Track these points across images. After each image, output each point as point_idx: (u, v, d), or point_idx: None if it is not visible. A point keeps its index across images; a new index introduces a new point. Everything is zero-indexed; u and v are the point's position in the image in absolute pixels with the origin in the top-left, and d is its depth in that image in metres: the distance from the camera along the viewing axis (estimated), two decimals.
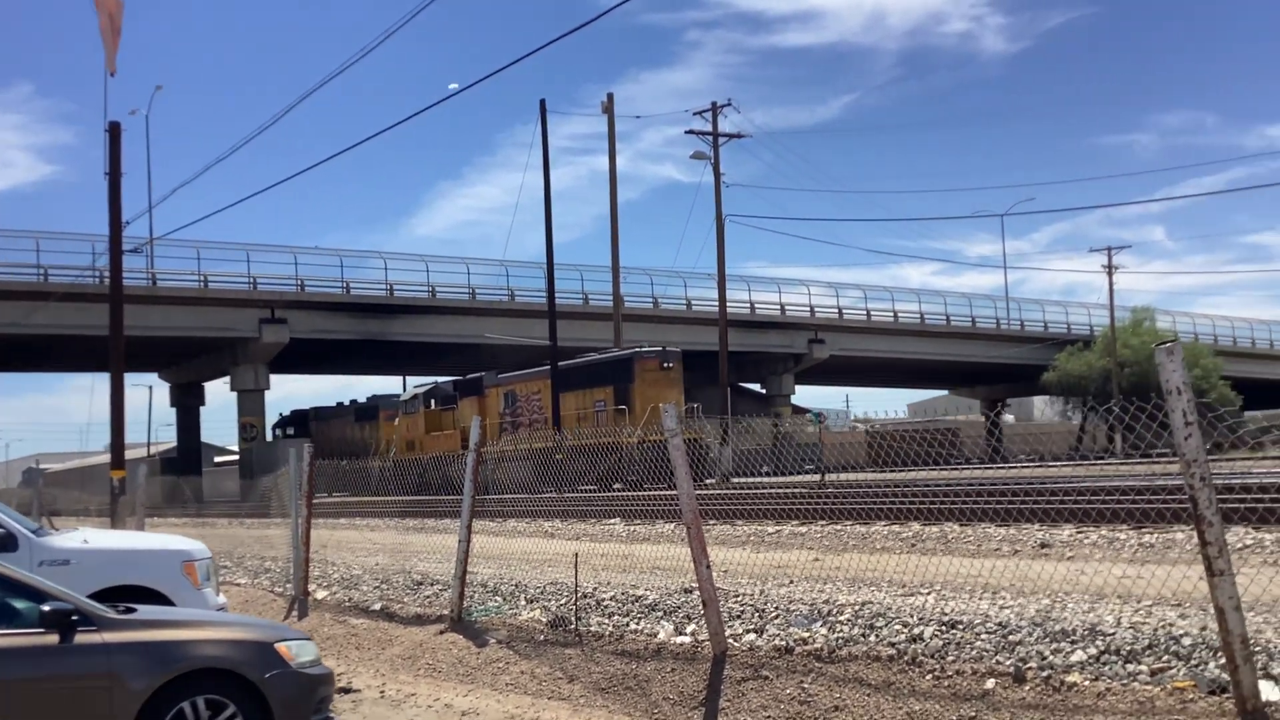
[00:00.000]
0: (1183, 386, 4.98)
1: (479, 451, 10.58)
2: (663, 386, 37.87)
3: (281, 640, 6.98)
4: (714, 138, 45.20)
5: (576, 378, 40.62)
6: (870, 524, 14.96)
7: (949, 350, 68.42)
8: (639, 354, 39.18)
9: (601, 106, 43.79)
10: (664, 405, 8.48)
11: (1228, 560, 5.02)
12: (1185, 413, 4.97)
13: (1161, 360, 5.04)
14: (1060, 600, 8.10)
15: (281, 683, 6.66)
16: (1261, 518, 10.26)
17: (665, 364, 38.74)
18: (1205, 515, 4.97)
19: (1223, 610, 5.02)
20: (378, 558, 15.82)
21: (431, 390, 48.18)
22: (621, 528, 17.82)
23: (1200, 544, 5.03)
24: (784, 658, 7.64)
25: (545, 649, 9.29)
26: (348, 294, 52.91)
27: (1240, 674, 5.12)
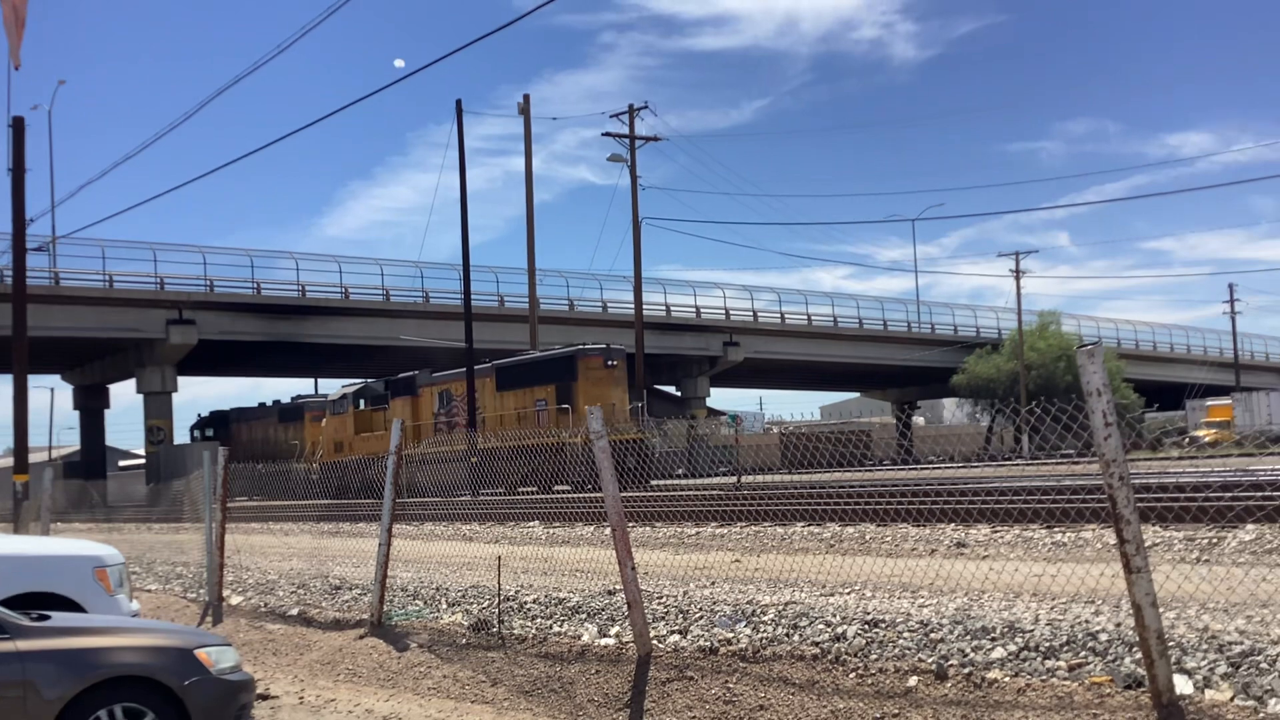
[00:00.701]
0: (1103, 388, 5.11)
1: (399, 454, 10.47)
2: (606, 385, 37.14)
3: (201, 646, 6.85)
4: (630, 140, 45.31)
5: (517, 376, 39.82)
6: (789, 525, 15.10)
7: (861, 353, 69.41)
8: (582, 352, 38.30)
9: (517, 108, 43.74)
10: (589, 408, 8.47)
11: (1145, 558, 5.16)
12: (1105, 414, 5.10)
13: (1083, 362, 5.17)
14: (978, 598, 8.26)
15: (201, 690, 6.54)
16: (1177, 516, 10.56)
17: (609, 362, 37.93)
18: (1124, 514, 5.10)
19: (1140, 606, 5.16)
20: (294, 562, 15.55)
21: (361, 390, 47.08)
22: (541, 530, 17.78)
23: (1118, 542, 5.16)
24: (709, 658, 7.67)
25: (468, 652, 9.22)
26: (258, 295, 51.96)
27: (1156, 668, 5.26)
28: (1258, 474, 15.45)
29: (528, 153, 44.26)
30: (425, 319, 53.96)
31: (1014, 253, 68.89)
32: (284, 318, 52.23)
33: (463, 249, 40.78)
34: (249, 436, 56.22)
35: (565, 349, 39.72)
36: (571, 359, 37.99)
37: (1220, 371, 77.87)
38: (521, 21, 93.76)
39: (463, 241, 40.61)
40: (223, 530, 13.12)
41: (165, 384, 52.05)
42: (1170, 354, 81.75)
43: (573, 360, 37.87)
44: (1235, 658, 5.66)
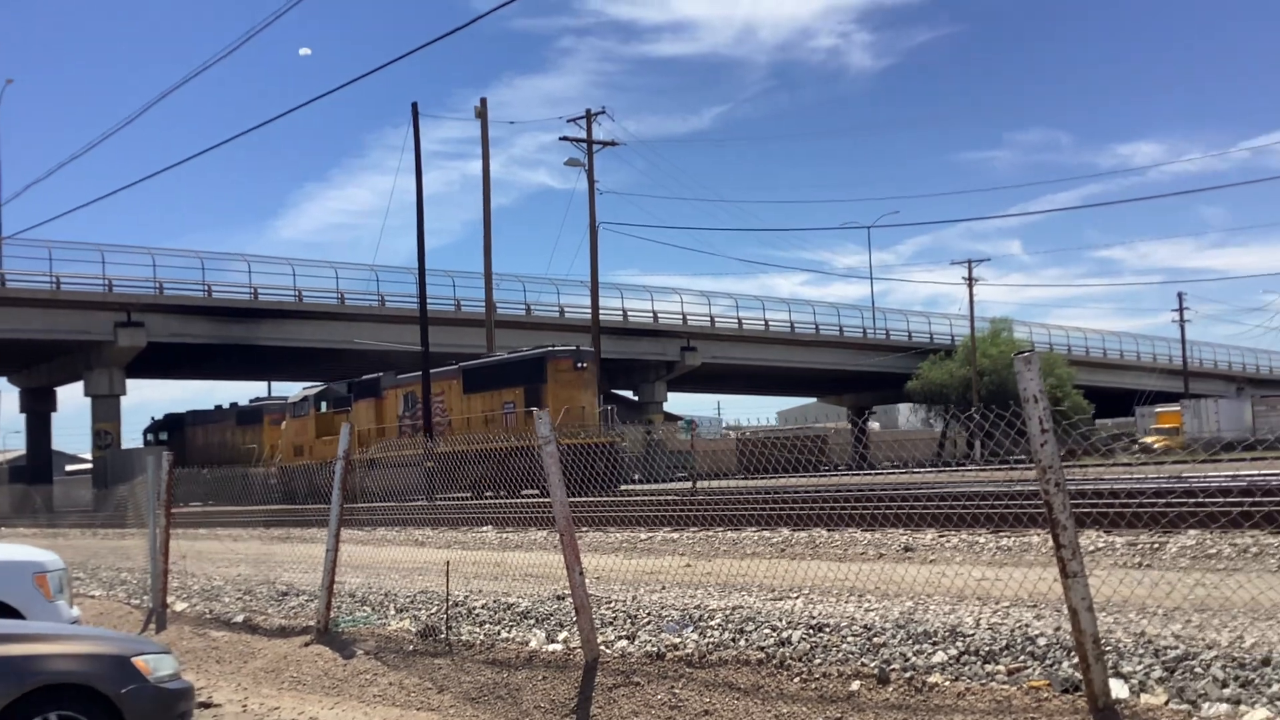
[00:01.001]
0: (1039, 394, 5.16)
1: (348, 459, 10.39)
2: (576, 388, 36.53)
3: (139, 654, 6.75)
4: (588, 145, 45.32)
5: (485, 378, 39.08)
6: (741, 530, 15.13)
7: (817, 359, 69.80)
8: (552, 353, 37.58)
9: (475, 111, 43.56)
10: (537, 413, 8.46)
11: (1081, 562, 5.22)
12: (1041, 420, 5.15)
13: (1020, 369, 5.22)
14: (923, 602, 8.32)
15: (139, 698, 6.44)
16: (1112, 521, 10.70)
17: (579, 364, 37.17)
18: (1060, 519, 5.15)
19: (1076, 611, 5.21)
20: (241, 568, 15.38)
21: (323, 392, 46.17)
22: (494, 535, 17.70)
23: (1055, 547, 5.21)
24: (655, 663, 7.66)
25: (415, 659, 9.15)
26: (209, 297, 51.41)
27: (1092, 672, 5.32)
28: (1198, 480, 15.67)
29: (485, 156, 44.17)
30: (381, 323, 53.63)
31: (967, 260, 69.70)
32: (236, 321, 51.70)
33: (418, 252, 40.60)
34: (205, 440, 55.41)
35: (534, 350, 38.94)
36: (541, 360, 37.22)
37: (1169, 378, 79.01)
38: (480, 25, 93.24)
39: (418, 245, 40.44)
40: (167, 536, 12.95)
41: (113, 387, 51.36)
42: (1120, 361, 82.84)
43: (542, 362, 37.10)
44: (1171, 662, 5.73)
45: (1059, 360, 72.94)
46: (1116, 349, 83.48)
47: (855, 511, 14.40)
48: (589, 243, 45.63)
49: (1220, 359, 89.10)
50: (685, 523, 16.28)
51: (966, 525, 12.83)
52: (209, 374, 67.61)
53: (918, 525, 13.46)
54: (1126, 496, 12.76)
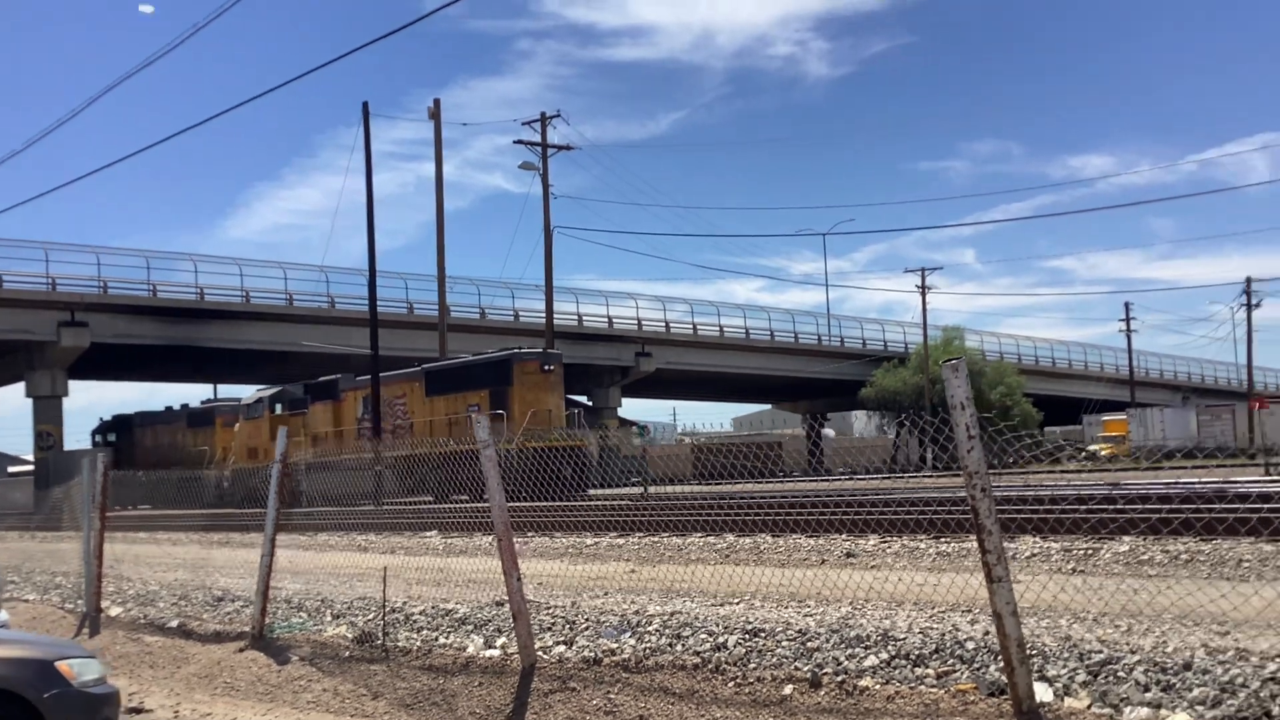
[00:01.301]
0: (966, 401, 5.19)
1: (284, 463, 10.26)
2: (543, 390, 35.67)
3: (63, 658, 6.64)
4: (543, 149, 45.26)
5: (448, 381, 38.13)
6: (687, 535, 15.13)
7: (773, 365, 70.07)
8: (518, 355, 36.72)
9: (428, 112, 43.33)
10: (475, 418, 8.39)
11: (1006, 567, 5.25)
12: (968, 426, 5.18)
13: (947, 376, 5.24)
14: (861, 608, 8.36)
15: (62, 703, 6.35)
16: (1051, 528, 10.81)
17: (546, 366, 36.29)
18: (985, 524, 5.18)
19: (1000, 615, 5.24)
20: (178, 573, 15.17)
21: (278, 394, 45.07)
22: (439, 540, 17.56)
23: (981, 552, 5.24)
24: (592, 669, 7.63)
25: (350, 666, 9.05)
26: (155, 297, 50.69)
27: (1016, 676, 5.35)
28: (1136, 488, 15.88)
29: (438, 158, 43.94)
30: (330, 325, 53.17)
31: (920, 269, 70.33)
32: (182, 321, 51.04)
33: (369, 253, 40.27)
34: (155, 442, 54.32)
35: (500, 352, 38.11)
36: (507, 363, 36.36)
37: (1116, 388, 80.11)
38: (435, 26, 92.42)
39: (369, 246, 40.13)
40: (101, 539, 12.74)
41: (56, 388, 50.51)
42: (1069, 370, 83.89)
43: (508, 364, 36.25)
44: (1095, 666, 5.78)
45: (1009, 369, 73.84)
46: (1065, 358, 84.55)
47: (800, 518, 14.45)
48: (544, 247, 45.57)
49: (1166, 369, 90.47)
50: (632, 528, 16.26)
51: (909, 531, 12.91)
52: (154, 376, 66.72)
53: (861, 531, 13.53)
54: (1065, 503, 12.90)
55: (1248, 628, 6.51)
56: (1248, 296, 73.04)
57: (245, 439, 45.36)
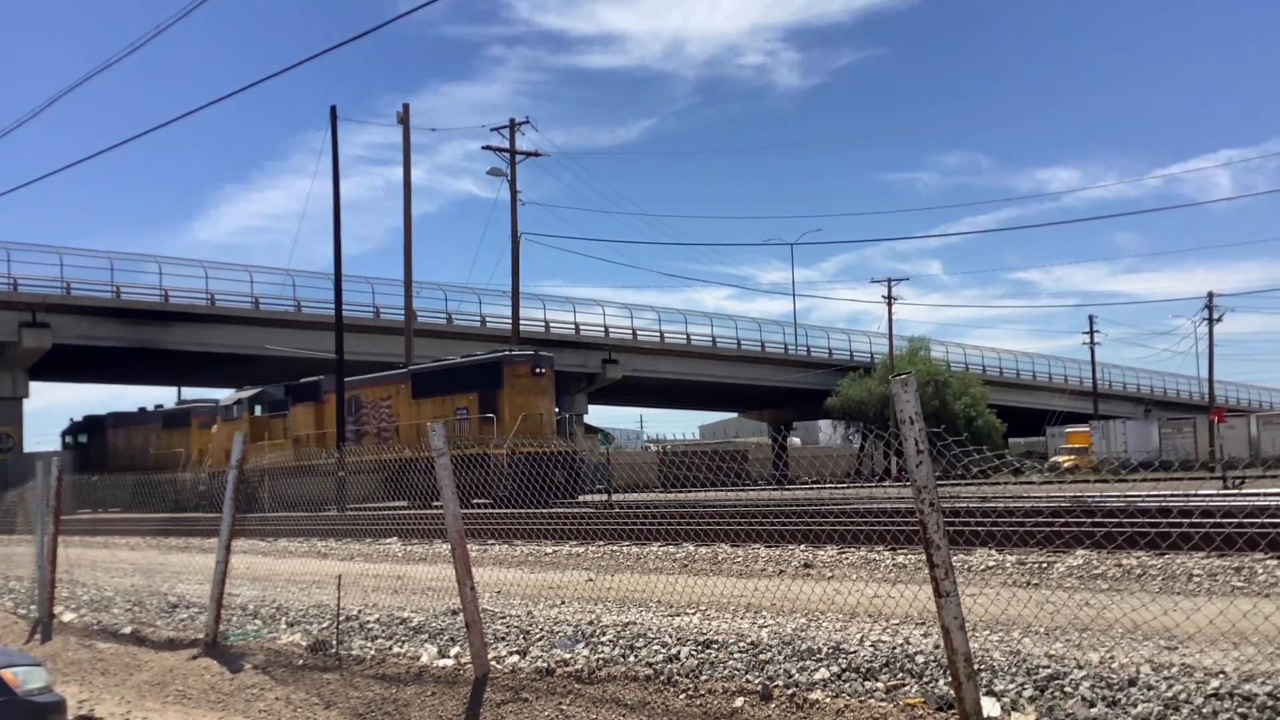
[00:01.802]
0: (915, 416, 5.22)
1: (240, 469, 10.19)
2: (533, 394, 34.72)
3: (7, 666, 6.57)
4: (511, 155, 45.19)
5: (436, 383, 37.17)
6: (646, 545, 15.13)
7: (740, 373, 70.19)
8: (508, 358, 35.66)
9: (397, 117, 43.15)
10: (431, 425, 8.35)
11: (953, 582, 5.28)
12: (917, 441, 5.21)
13: (897, 391, 5.27)
14: (816, 619, 8.38)
15: (5, 711, 6.28)
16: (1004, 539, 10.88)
17: (537, 369, 35.25)
18: (933, 539, 5.21)
19: (948, 629, 5.27)
20: (134, 578, 15.01)
21: (257, 395, 43.89)
22: (399, 548, 17.49)
23: (928, 566, 5.27)
24: (545, 679, 7.61)
25: (303, 674, 8.99)
26: (118, 299, 50.15)
27: (964, 690, 5.38)
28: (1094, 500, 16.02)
29: (406, 162, 43.74)
30: (296, 329, 52.82)
31: (887, 279, 70.73)
32: (146, 324, 50.53)
33: (335, 257, 40.08)
34: (128, 443, 53.33)
35: (490, 354, 37.03)
36: (497, 365, 35.33)
37: (1080, 399, 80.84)
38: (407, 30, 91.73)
39: (335, 250, 39.91)
40: (55, 544, 12.59)
41: (16, 389, 49.87)
42: (1034, 381, 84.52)
43: (498, 367, 35.23)
44: (1042, 681, 5.83)
45: (974, 380, 74.37)
46: (1030, 370, 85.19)
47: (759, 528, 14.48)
48: (511, 253, 45.49)
49: (1129, 381, 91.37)
50: (592, 536, 16.24)
51: (867, 542, 12.96)
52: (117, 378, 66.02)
53: (819, 542, 13.57)
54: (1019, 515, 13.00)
55: (1194, 642, 6.59)
56: (1209, 311, 73.92)
57: (223, 441, 44.16)
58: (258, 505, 20.43)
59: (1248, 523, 11.14)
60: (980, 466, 6.81)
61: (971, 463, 6.68)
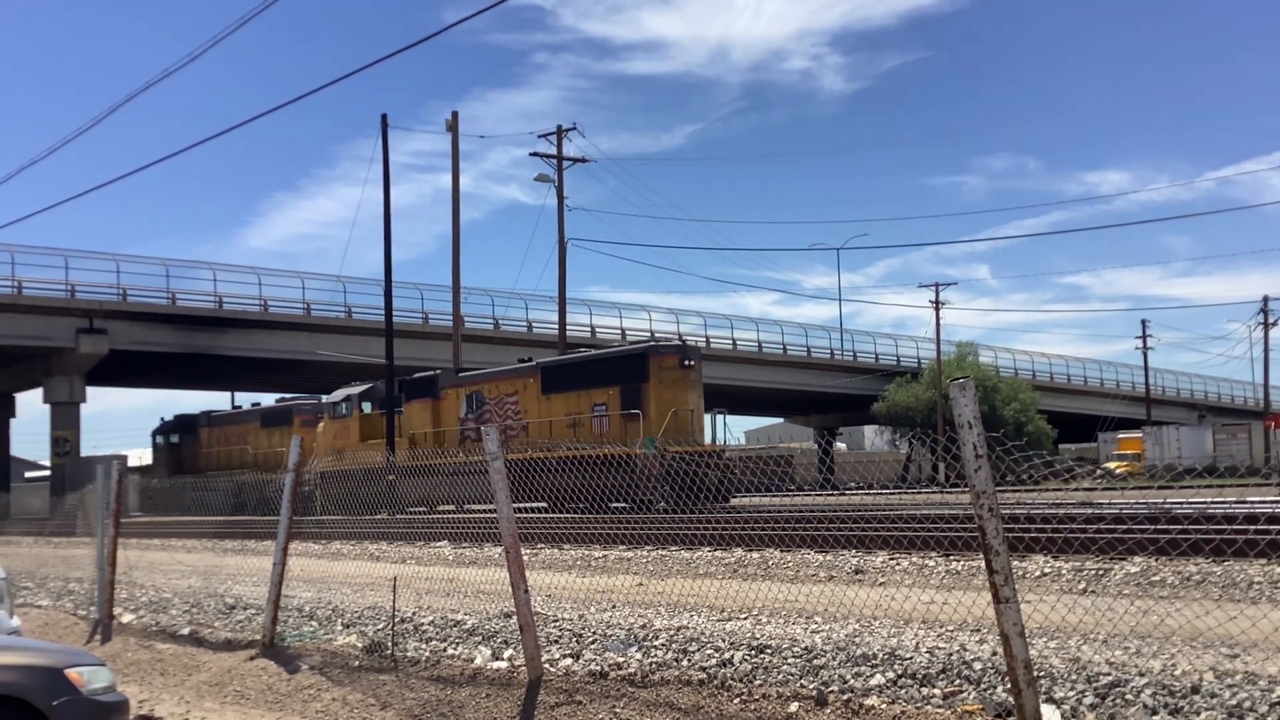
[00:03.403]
0: (973, 420, 5.19)
1: (298, 471, 10.31)
2: (682, 388, 31.98)
3: (73, 665, 6.66)
4: (558, 161, 45.37)
5: (569, 377, 34.50)
6: (695, 549, 15.13)
7: (785, 378, 69.92)
8: (655, 349, 32.92)
9: (446, 124, 43.47)
10: (485, 429, 8.41)
11: (1013, 588, 5.24)
12: (976, 445, 5.18)
13: (954, 395, 5.25)
14: (869, 625, 8.35)
15: (71, 710, 6.36)
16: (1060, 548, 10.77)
17: (686, 362, 32.53)
18: (993, 544, 5.18)
19: (1007, 636, 5.23)
20: (191, 580, 15.24)
21: (367, 391, 41.62)
22: (449, 551, 17.62)
23: (988, 571, 5.24)
24: (598, 682, 7.64)
25: (359, 675, 9.08)
26: (173, 305, 50.93)
27: (1024, 698, 5.34)
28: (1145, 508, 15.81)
29: (455, 169, 44.07)
30: (347, 334, 53.36)
31: (934, 284, 70.18)
32: (200, 329, 51.28)
33: (385, 264, 40.41)
34: (224, 443, 51.86)
35: (634, 345, 34.48)
36: (642, 356, 32.53)
37: (1132, 405, 79.73)
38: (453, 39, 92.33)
39: (386, 257, 40.28)
40: (115, 546, 12.80)
41: (73, 394, 50.79)
42: (1084, 387, 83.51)
43: (643, 358, 32.38)
44: (1103, 689, 5.77)
45: (1024, 385, 73.61)
46: (1080, 375, 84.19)
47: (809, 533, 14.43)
48: (558, 258, 45.67)
49: (1183, 387, 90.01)
50: (640, 541, 16.27)
51: (918, 548, 12.88)
52: (172, 383, 67.06)
53: (870, 547, 13.50)
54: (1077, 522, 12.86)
55: (1257, 650, 6.50)
56: (1264, 315, 72.64)
57: (330, 440, 41.57)
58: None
59: None
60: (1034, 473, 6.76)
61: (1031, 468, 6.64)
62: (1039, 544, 11.69)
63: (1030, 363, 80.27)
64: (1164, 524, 11.94)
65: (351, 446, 39.32)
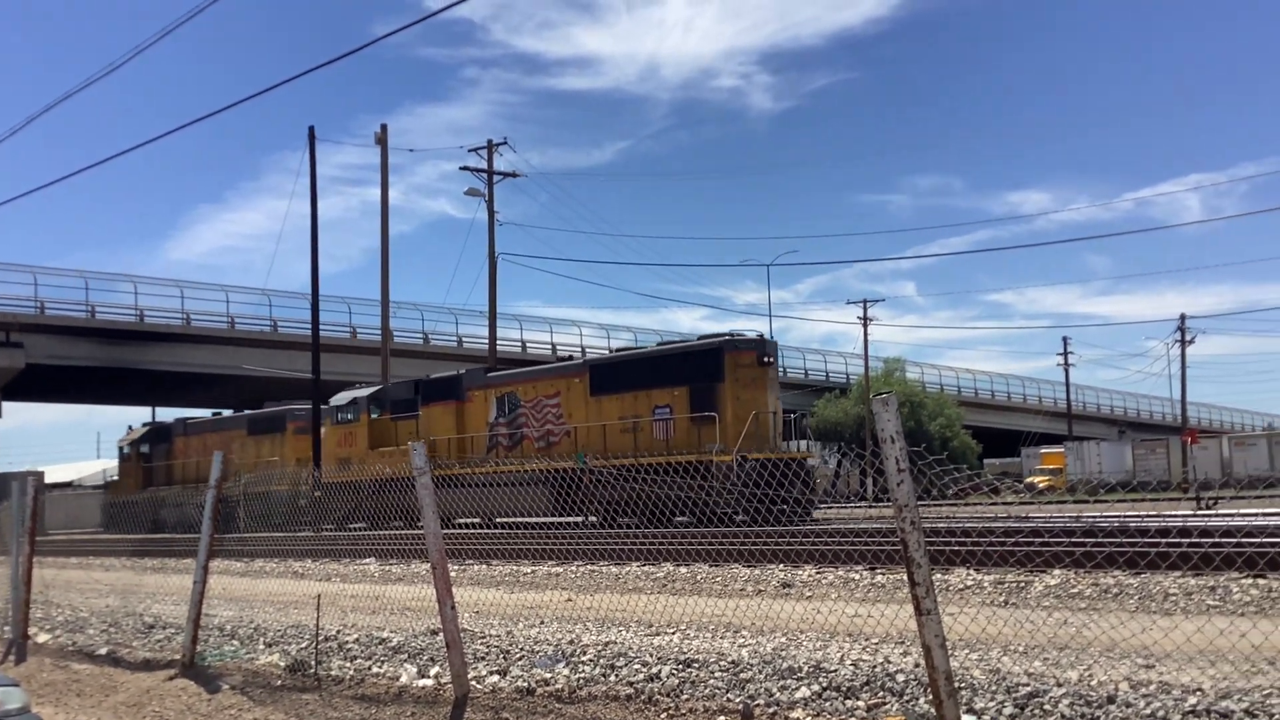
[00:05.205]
0: (896, 435, 5.27)
1: (219, 488, 10.14)
2: (759, 388, 28.48)
3: None
4: (489, 175, 45.24)
5: (625, 376, 30.61)
6: (624, 565, 15.13)
7: None
8: (731, 343, 29.04)
9: (375, 137, 43.16)
10: (412, 445, 8.35)
11: (935, 600, 5.32)
12: (898, 460, 5.26)
13: (878, 410, 5.32)
14: (795, 639, 8.41)
15: None
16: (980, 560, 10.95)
17: (765, 358, 28.99)
18: (914, 557, 5.26)
19: (929, 648, 5.31)
20: (109, 599, 14.90)
21: (377, 394, 37.96)
22: (375, 568, 17.42)
23: (910, 584, 5.31)
24: (525, 699, 7.60)
25: (282, 695, 8.93)
26: (93, 318, 49.87)
27: (945, 709, 5.41)
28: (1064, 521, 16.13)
29: (384, 183, 43.76)
30: (273, 348, 52.66)
31: (862, 300, 71.05)
32: (121, 343, 50.24)
33: (312, 277, 39.92)
34: (202, 453, 46.40)
35: (706, 340, 30.45)
36: (717, 352, 28.65)
37: (1054, 421, 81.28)
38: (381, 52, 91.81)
39: (312, 270, 39.79)
40: (30, 564, 12.48)
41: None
42: (1008, 403, 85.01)
43: (718, 354, 28.56)
44: (1022, 699, 5.87)
45: (949, 401, 74.75)
46: (1005, 391, 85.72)
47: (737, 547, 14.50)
48: (488, 273, 45.48)
49: (1103, 403, 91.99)
50: (569, 556, 16.23)
51: (844, 562, 13.00)
52: (92, 398, 65.64)
53: (797, 561, 13.61)
54: (997, 536, 13.08)
55: (1171, 660, 6.65)
56: (1182, 333, 74.54)
57: (334, 448, 37.99)
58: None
59: (1223, 542, 11.25)
60: (957, 486, 6.86)
61: (951, 481, 6.75)
62: (960, 557, 11.87)
63: (956, 379, 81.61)
64: (1080, 537, 12.19)
65: (359, 456, 35.44)
